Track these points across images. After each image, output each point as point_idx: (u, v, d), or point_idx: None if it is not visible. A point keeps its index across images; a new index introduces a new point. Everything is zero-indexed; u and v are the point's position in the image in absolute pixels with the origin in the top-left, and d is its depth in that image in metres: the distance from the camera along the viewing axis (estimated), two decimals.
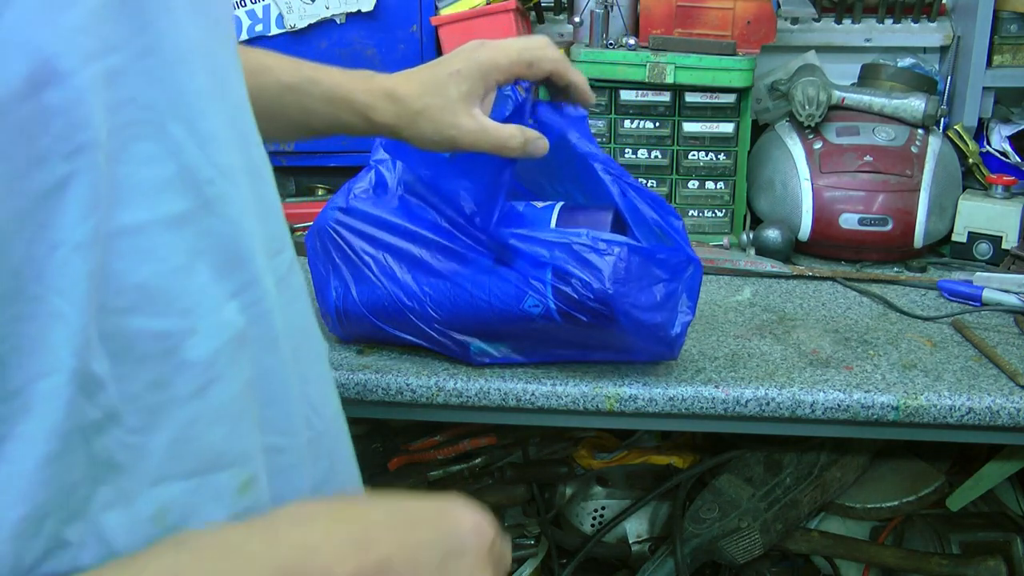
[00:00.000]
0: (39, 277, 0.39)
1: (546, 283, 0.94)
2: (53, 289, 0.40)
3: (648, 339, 0.96)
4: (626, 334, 0.94)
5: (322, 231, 1.05)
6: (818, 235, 1.37)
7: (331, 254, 1.04)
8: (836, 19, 1.62)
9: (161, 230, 0.44)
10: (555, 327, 0.95)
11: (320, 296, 1.06)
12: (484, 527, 0.49)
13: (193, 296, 0.46)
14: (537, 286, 0.94)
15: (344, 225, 1.04)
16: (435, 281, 0.99)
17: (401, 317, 1.00)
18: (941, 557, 1.28)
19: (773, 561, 1.38)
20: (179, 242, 0.45)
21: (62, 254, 0.40)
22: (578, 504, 1.42)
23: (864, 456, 1.33)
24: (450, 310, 0.98)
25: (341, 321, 1.05)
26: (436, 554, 0.47)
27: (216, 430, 0.47)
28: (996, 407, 0.97)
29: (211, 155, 0.47)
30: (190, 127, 0.46)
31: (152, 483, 0.45)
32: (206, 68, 0.48)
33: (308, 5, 1.45)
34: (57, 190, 0.39)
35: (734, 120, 1.44)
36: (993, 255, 1.37)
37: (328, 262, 1.05)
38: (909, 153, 1.38)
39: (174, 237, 0.45)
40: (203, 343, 0.46)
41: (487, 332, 1.00)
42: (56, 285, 0.40)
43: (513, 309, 0.95)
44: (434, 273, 0.99)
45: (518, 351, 1.02)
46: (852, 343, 1.10)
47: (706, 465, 1.35)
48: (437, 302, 0.98)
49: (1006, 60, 1.52)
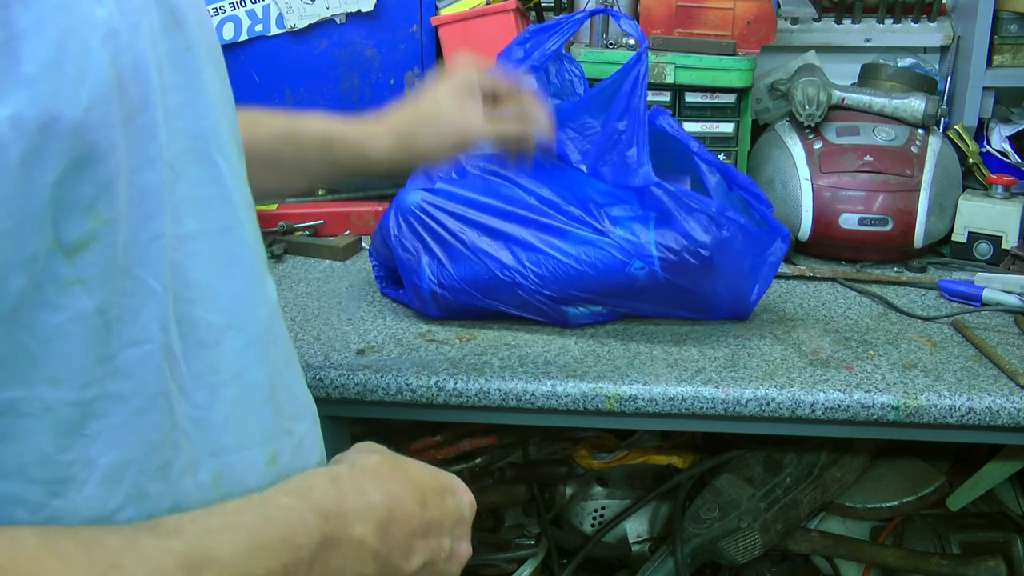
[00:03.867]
0: (142, 260, 0.48)
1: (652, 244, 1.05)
2: (151, 272, 0.49)
3: (730, 301, 1.11)
4: (715, 294, 1.09)
5: (408, 212, 1.11)
6: (818, 235, 1.37)
7: (420, 234, 1.11)
8: (836, 19, 1.62)
9: (209, 238, 0.54)
10: (654, 287, 1.05)
11: (409, 277, 1.12)
12: (474, 503, 0.65)
13: (231, 296, 0.55)
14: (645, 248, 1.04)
15: (433, 205, 1.10)
16: (535, 255, 1.07)
17: (503, 289, 1.08)
18: (941, 557, 1.28)
19: (773, 561, 1.38)
20: (221, 251, 0.55)
21: (159, 244, 0.49)
22: (578, 504, 1.42)
23: (864, 456, 1.33)
24: (555, 281, 1.07)
25: (436, 298, 1.11)
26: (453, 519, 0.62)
27: (250, 412, 0.57)
28: (996, 407, 0.97)
29: (238, 184, 0.58)
30: (226, 159, 0.56)
31: (211, 454, 0.54)
32: (226, 114, 0.59)
33: (308, 5, 1.45)
34: (156, 190, 0.49)
35: (734, 120, 1.44)
36: (993, 255, 1.37)
37: (418, 241, 1.11)
38: (909, 153, 1.38)
39: (218, 246, 0.55)
40: (238, 336, 0.55)
41: (589, 297, 1.09)
42: (153, 269, 0.49)
43: (618, 274, 1.05)
44: (532, 248, 1.08)
45: (609, 310, 1.13)
46: (852, 343, 1.10)
47: (706, 465, 1.35)
48: (541, 275, 1.07)
49: (1006, 60, 1.52)
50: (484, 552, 1.36)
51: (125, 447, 0.48)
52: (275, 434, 0.59)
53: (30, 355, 0.44)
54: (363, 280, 1.29)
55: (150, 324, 0.49)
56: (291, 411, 0.62)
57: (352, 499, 0.55)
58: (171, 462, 0.51)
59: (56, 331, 0.45)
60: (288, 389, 0.62)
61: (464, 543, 0.63)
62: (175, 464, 0.51)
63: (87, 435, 0.47)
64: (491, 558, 1.36)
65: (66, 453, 0.46)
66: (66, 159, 0.43)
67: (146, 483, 0.49)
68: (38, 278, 0.44)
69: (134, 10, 0.48)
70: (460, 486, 0.65)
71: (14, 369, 0.44)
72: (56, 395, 0.45)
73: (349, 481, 0.56)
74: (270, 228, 1.41)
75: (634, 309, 1.14)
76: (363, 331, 1.12)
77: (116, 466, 0.48)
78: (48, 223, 0.43)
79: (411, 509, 0.58)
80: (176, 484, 0.51)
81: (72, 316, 0.45)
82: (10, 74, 0.41)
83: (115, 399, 0.47)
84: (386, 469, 0.59)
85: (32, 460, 0.46)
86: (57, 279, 0.44)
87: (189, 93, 0.53)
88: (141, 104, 0.48)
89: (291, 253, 1.40)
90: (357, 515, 0.54)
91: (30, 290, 0.44)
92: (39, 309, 0.44)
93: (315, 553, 0.51)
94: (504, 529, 1.42)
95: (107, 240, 0.46)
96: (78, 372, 0.46)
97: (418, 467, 0.62)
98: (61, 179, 0.43)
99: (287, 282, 1.28)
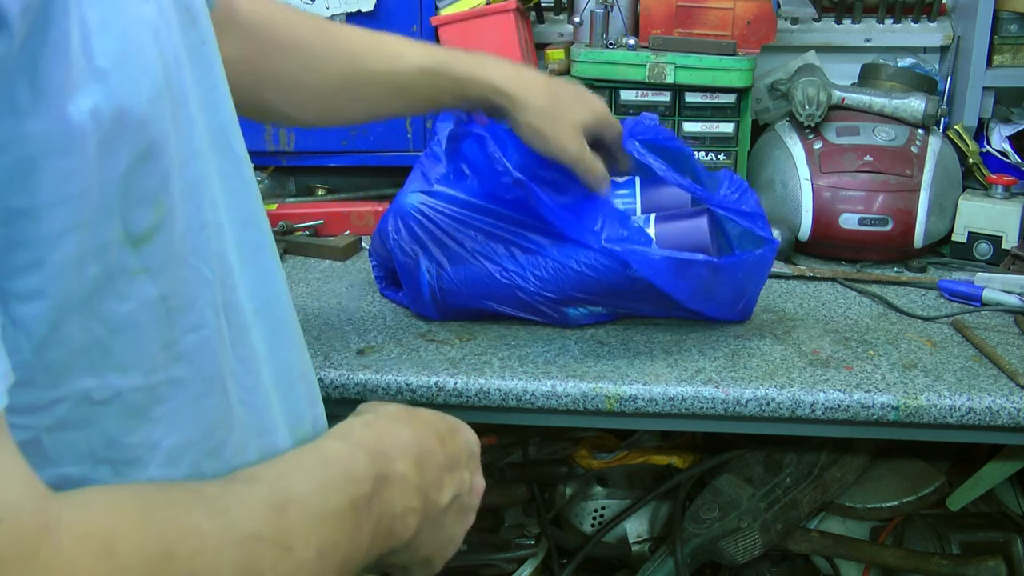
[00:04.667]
0: (195, 249, 0.51)
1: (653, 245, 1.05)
2: (203, 260, 0.51)
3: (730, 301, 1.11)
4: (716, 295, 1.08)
5: (406, 214, 1.11)
6: (818, 235, 1.37)
7: (419, 236, 1.10)
8: (836, 19, 1.62)
9: (236, 227, 0.56)
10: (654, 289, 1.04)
11: (408, 279, 1.11)
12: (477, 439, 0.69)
13: (258, 283, 0.58)
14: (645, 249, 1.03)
15: (431, 207, 1.10)
16: (535, 257, 1.07)
17: (503, 291, 1.08)
18: (941, 557, 1.28)
19: (773, 561, 1.38)
20: (247, 239, 0.58)
21: (208, 233, 0.52)
22: (578, 504, 1.42)
23: (864, 456, 1.33)
24: (555, 283, 1.07)
25: (436, 300, 1.11)
26: (466, 453, 0.66)
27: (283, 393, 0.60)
28: (996, 407, 0.97)
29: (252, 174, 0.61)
30: (243, 149, 0.59)
31: (257, 434, 0.57)
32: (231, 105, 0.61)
33: (308, 5, 1.45)
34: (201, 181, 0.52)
35: (734, 120, 1.44)
36: (993, 255, 1.37)
37: (416, 243, 1.10)
38: (909, 153, 1.38)
39: (244, 235, 0.57)
40: (265, 321, 0.58)
41: (589, 298, 1.09)
42: (205, 257, 0.51)
43: (618, 276, 1.05)
44: (531, 250, 1.08)
45: (609, 310, 1.13)
46: (852, 343, 1.10)
47: (706, 465, 1.35)
48: (540, 277, 1.07)
49: (1006, 60, 1.52)
50: (484, 552, 1.36)
51: (185, 429, 0.51)
52: (303, 417, 0.63)
53: (102, 345, 0.46)
54: (363, 280, 1.29)
55: (205, 310, 0.51)
56: (308, 396, 0.65)
57: (388, 439, 0.59)
58: (225, 443, 0.53)
59: (125, 320, 0.47)
60: (304, 375, 0.65)
61: (478, 475, 0.67)
62: (228, 444, 0.54)
63: (152, 419, 0.49)
64: (491, 558, 1.36)
65: (132, 436, 0.48)
66: (133, 151, 0.45)
67: (203, 463, 0.52)
68: (109, 268, 0.46)
69: (167, 8, 0.50)
70: (464, 425, 0.69)
71: (88, 359, 0.46)
72: (125, 382, 0.47)
73: (379, 424, 0.61)
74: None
75: (634, 310, 1.14)
76: (363, 331, 1.12)
77: (177, 448, 0.50)
78: (117, 214, 0.45)
79: (434, 446, 0.62)
80: (229, 464, 0.53)
81: (139, 305, 0.47)
82: (88, 69, 0.43)
83: (177, 384, 0.50)
84: (405, 414, 0.63)
85: (101, 444, 0.47)
86: (126, 270, 0.47)
87: (207, 87, 0.56)
88: (182, 98, 0.50)
89: (291, 253, 1.40)
90: (397, 453, 0.58)
91: (102, 280, 0.45)
92: (110, 299, 0.46)
93: (373, 488, 0.54)
94: (504, 529, 1.42)
95: (167, 230, 0.48)
96: (144, 359, 0.48)
97: (429, 412, 0.66)
98: (130, 171, 0.45)
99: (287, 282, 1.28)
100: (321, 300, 1.22)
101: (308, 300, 1.22)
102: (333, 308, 1.19)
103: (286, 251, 1.39)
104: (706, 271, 1.04)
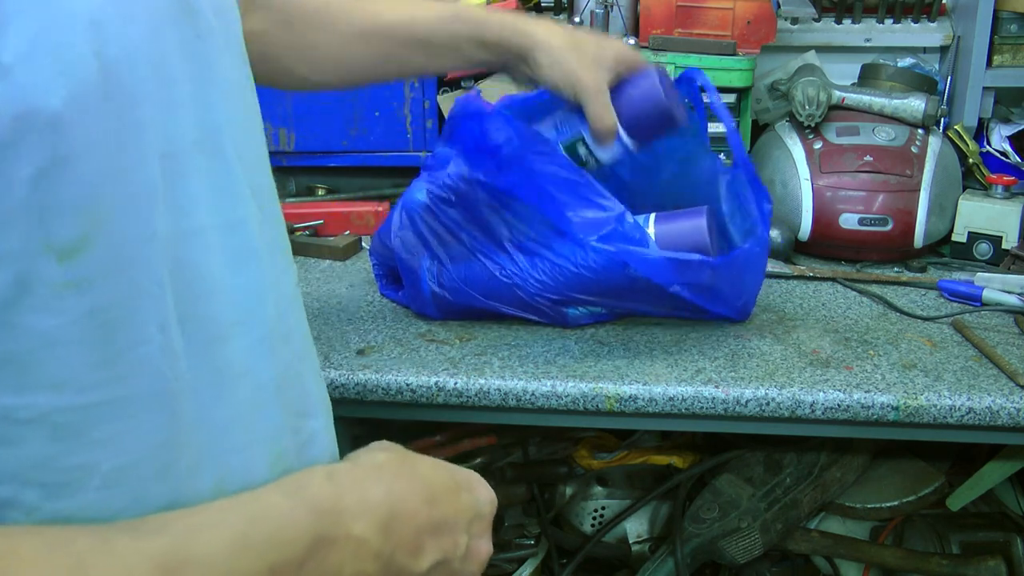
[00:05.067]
0: (136, 261, 0.47)
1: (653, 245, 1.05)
2: (146, 272, 0.47)
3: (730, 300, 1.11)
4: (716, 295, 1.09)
5: (411, 212, 1.12)
6: (818, 235, 1.37)
7: (422, 234, 1.11)
8: (836, 19, 1.62)
9: (219, 232, 0.53)
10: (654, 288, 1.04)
11: (410, 278, 1.12)
12: (494, 499, 0.63)
13: (240, 291, 0.54)
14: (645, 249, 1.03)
15: (435, 206, 1.11)
16: (535, 257, 1.07)
17: (503, 290, 1.08)
18: (941, 557, 1.28)
19: (773, 561, 1.38)
20: (231, 245, 0.53)
21: (154, 244, 0.48)
22: (578, 504, 1.42)
23: (864, 456, 1.33)
24: (554, 283, 1.07)
25: (436, 298, 1.11)
26: (468, 516, 0.60)
27: (257, 410, 0.56)
28: (996, 407, 0.97)
29: (248, 175, 0.56)
30: (237, 149, 0.55)
31: (217, 453, 0.53)
32: (243, 102, 0.58)
33: None
34: (152, 187, 0.47)
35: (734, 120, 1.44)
36: (993, 255, 1.37)
37: (419, 241, 1.11)
38: (909, 153, 1.38)
39: (228, 240, 0.53)
40: (247, 333, 0.54)
41: (589, 299, 1.09)
42: (149, 269, 0.47)
43: (618, 276, 1.05)
44: (531, 250, 1.08)
45: (609, 310, 1.13)
46: (852, 343, 1.10)
47: (706, 465, 1.35)
48: (540, 277, 1.07)
49: (1006, 60, 1.52)
50: None
51: (127, 451, 0.47)
52: (282, 432, 0.58)
53: (21, 361, 0.44)
54: (363, 280, 1.29)
55: (148, 325, 0.48)
56: (301, 408, 0.61)
57: (350, 496, 0.53)
58: (174, 463, 0.50)
59: (51, 336, 0.44)
60: (301, 385, 0.61)
61: (483, 540, 0.61)
62: (178, 465, 0.50)
63: (90, 441, 0.46)
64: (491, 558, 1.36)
65: (67, 458, 0.46)
66: (44, 156, 0.42)
67: (147, 486, 0.49)
68: (26, 281, 0.43)
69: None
70: (478, 482, 0.63)
71: (6, 375, 0.43)
72: (54, 400, 0.45)
73: (348, 478, 0.55)
74: None
75: (634, 309, 1.14)
76: (363, 331, 1.12)
77: (118, 470, 0.47)
78: (32, 223, 0.42)
79: (416, 506, 0.56)
80: (179, 486, 0.50)
81: (68, 320, 0.44)
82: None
83: (118, 403, 0.47)
84: (392, 466, 0.58)
85: (29, 464, 0.45)
86: (50, 282, 0.43)
87: (200, 83, 0.52)
88: (135, 97, 0.46)
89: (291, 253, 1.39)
90: (355, 512, 0.53)
91: (16, 293, 0.43)
92: (29, 313, 0.43)
93: (307, 552, 0.49)
94: (504, 529, 1.42)
95: (103, 242, 0.45)
96: (79, 376, 0.45)
97: (431, 464, 0.60)
98: (40, 177, 0.42)
99: None
100: (321, 300, 1.22)
101: (308, 300, 1.22)
102: (333, 308, 1.19)
103: None
104: (705, 269, 1.04)
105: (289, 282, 0.61)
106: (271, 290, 0.58)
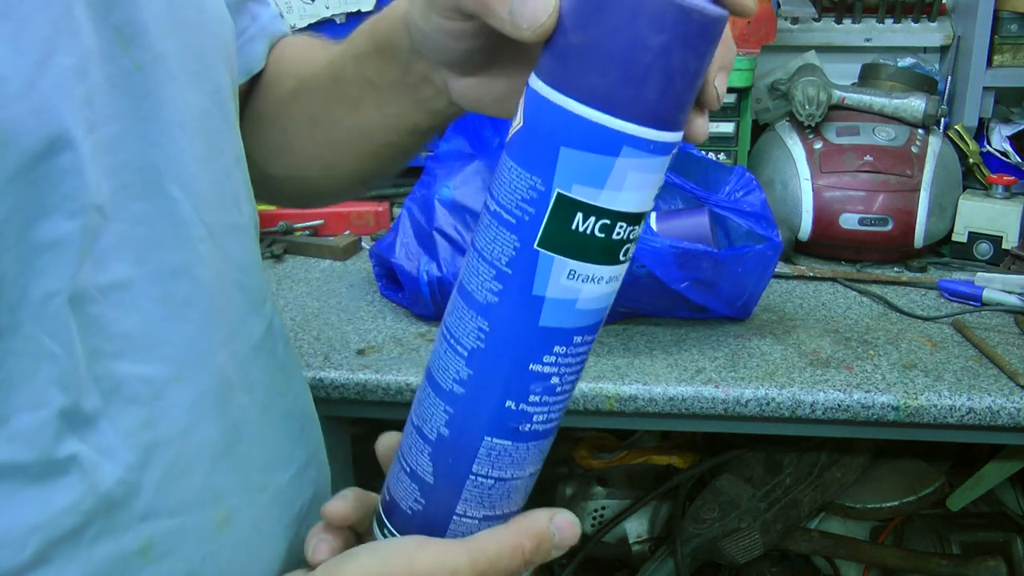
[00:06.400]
0: (34, 319, 0.42)
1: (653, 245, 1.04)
2: (46, 332, 0.43)
3: (726, 306, 1.11)
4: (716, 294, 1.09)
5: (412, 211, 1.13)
6: (818, 235, 1.37)
7: (422, 234, 1.12)
8: (836, 19, 1.62)
9: (149, 283, 0.48)
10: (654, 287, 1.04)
11: (408, 277, 1.12)
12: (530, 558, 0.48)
13: (181, 344, 0.49)
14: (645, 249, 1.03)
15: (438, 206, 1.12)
16: None
17: None
18: (941, 557, 1.28)
19: (773, 561, 1.38)
20: (169, 294, 0.49)
21: (57, 302, 0.43)
22: (578, 504, 1.42)
23: (864, 456, 1.33)
24: None
25: (436, 299, 1.11)
26: None
27: (198, 470, 0.50)
28: (996, 407, 0.97)
29: (203, 214, 0.51)
30: (186, 188, 0.50)
31: (140, 518, 0.47)
32: (203, 131, 0.52)
33: (308, 5, 1.45)
34: (58, 244, 0.43)
35: (734, 120, 1.44)
36: (993, 255, 1.37)
37: (418, 243, 1.12)
38: (909, 153, 1.38)
39: (164, 289, 0.48)
40: (188, 388, 0.49)
41: None
42: (49, 329, 0.43)
43: None
44: None
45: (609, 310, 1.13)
46: (852, 343, 1.10)
47: (706, 465, 1.35)
48: None
49: (1006, 60, 1.52)
50: None
51: (24, 514, 0.43)
52: (231, 493, 0.52)
53: None
54: (363, 280, 1.29)
55: (47, 387, 0.43)
56: (264, 463, 0.55)
57: None
58: (83, 528, 0.45)
59: None
60: (263, 439, 0.55)
61: None
62: (88, 531, 0.45)
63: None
64: None
65: None
66: None
67: (52, 549, 0.44)
68: None
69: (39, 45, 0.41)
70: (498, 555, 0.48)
71: None
72: None
73: None
74: (270, 228, 1.41)
75: (634, 308, 1.14)
76: (363, 331, 1.12)
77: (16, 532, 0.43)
78: None
79: None
80: (90, 550, 0.45)
81: None
82: None
83: (11, 468, 0.43)
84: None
85: None
86: None
87: (135, 119, 0.47)
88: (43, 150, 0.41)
89: (291, 253, 1.40)
90: None
91: None
92: None
93: None
94: None
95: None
96: None
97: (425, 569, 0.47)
98: None
99: (287, 282, 1.28)
100: (321, 300, 1.22)
101: (308, 300, 1.22)
102: (333, 308, 1.19)
103: (286, 251, 1.39)
104: (707, 262, 1.03)
105: (257, 326, 0.56)
106: (226, 339, 0.52)
